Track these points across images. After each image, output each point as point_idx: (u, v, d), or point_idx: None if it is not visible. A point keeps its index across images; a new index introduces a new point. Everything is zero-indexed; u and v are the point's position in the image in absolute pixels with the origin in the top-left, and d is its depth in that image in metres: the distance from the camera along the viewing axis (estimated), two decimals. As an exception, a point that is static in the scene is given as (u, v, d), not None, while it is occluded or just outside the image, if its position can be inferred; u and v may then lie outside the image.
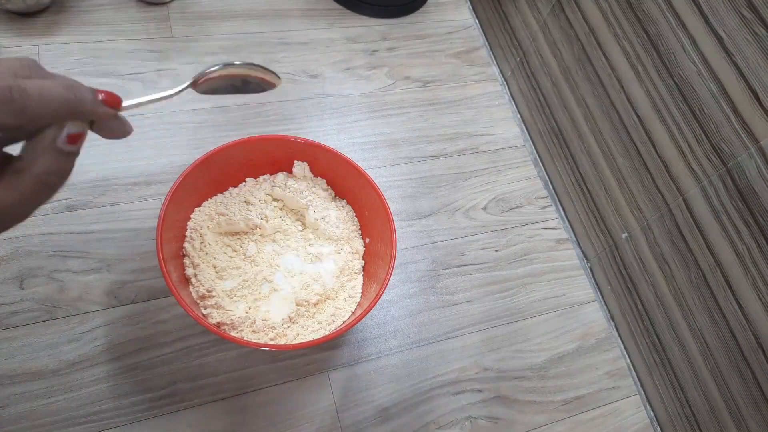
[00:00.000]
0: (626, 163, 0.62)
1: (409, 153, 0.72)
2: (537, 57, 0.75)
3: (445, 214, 0.68)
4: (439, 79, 0.79)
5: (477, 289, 0.64)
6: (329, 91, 0.74)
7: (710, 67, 0.50)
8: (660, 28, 0.54)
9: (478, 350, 0.61)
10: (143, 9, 0.72)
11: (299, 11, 0.79)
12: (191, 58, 0.70)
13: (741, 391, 0.52)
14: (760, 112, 0.46)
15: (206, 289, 0.50)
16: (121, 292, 0.55)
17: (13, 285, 0.53)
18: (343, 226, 0.57)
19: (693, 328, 0.57)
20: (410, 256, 0.64)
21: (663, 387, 0.62)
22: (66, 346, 0.51)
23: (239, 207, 0.55)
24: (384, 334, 0.59)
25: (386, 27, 0.81)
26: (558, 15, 0.69)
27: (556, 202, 0.75)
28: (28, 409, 0.48)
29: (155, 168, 0.62)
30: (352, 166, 0.55)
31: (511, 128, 0.78)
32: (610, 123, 0.63)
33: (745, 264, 0.50)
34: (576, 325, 0.65)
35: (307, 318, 0.52)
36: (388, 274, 0.49)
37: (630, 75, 0.59)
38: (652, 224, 0.60)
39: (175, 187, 0.49)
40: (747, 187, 0.48)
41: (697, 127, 0.52)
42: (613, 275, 0.67)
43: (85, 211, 0.58)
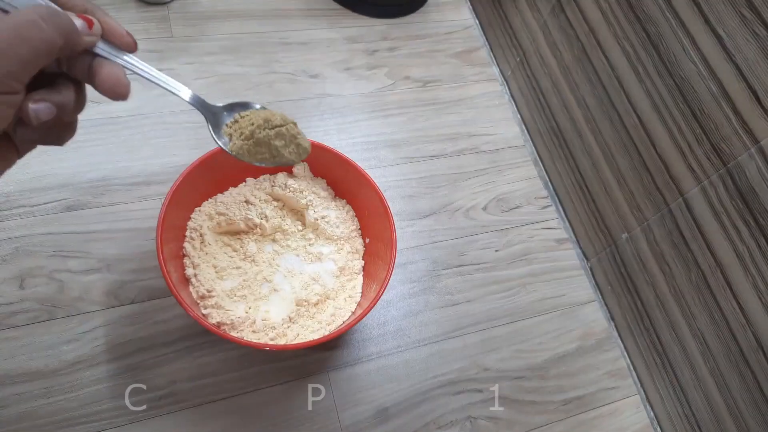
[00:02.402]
0: (626, 163, 0.62)
1: (409, 153, 0.72)
2: (537, 57, 0.75)
3: (445, 214, 0.68)
4: (439, 79, 0.79)
5: (477, 289, 0.64)
6: (329, 91, 0.74)
7: (710, 67, 0.50)
8: (660, 28, 0.54)
9: (478, 350, 0.61)
10: (143, 9, 0.72)
11: (299, 11, 0.79)
12: (191, 58, 0.70)
13: (741, 391, 0.52)
14: (760, 112, 0.46)
15: (206, 289, 0.50)
16: (121, 292, 0.55)
17: (13, 285, 0.53)
18: (343, 226, 0.57)
19: (693, 328, 0.57)
20: (410, 256, 0.64)
21: (663, 387, 0.62)
22: (66, 346, 0.51)
23: (239, 207, 0.55)
24: (384, 334, 0.59)
25: (386, 27, 0.81)
26: (558, 15, 0.69)
27: (556, 202, 0.75)
28: (28, 409, 0.48)
29: (155, 168, 0.62)
30: (352, 166, 0.55)
31: (511, 128, 0.78)
32: (610, 123, 0.63)
33: (745, 264, 0.50)
34: (576, 325, 0.65)
35: (307, 318, 0.52)
36: (388, 274, 0.49)
37: (630, 75, 0.59)
38: (652, 224, 0.60)
39: (175, 187, 0.49)
40: (747, 187, 0.48)
41: (697, 127, 0.52)
42: (613, 275, 0.67)
43: (85, 211, 0.58)
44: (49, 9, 0.25)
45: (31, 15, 0.24)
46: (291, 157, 0.39)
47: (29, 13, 0.24)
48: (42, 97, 0.26)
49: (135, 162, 0.62)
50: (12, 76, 0.24)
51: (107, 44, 0.29)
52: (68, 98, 0.28)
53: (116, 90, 0.28)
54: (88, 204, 0.58)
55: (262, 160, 0.38)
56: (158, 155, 0.63)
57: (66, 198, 0.58)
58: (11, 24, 0.23)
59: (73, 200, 0.58)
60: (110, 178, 0.60)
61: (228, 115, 0.37)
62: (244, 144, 0.36)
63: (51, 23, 0.24)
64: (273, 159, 0.38)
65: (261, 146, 0.37)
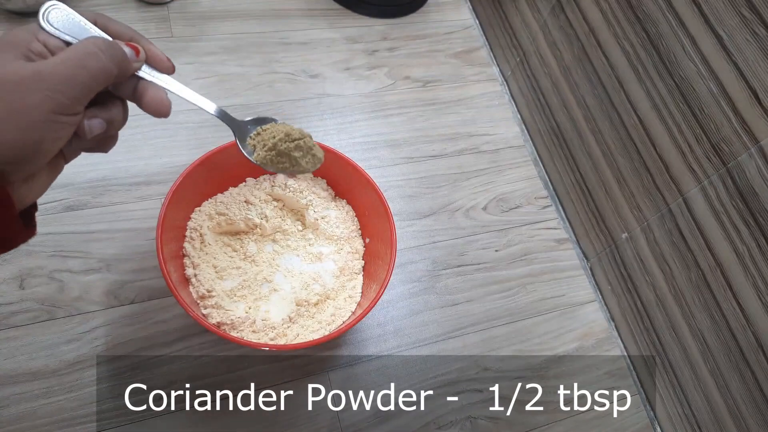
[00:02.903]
0: (626, 163, 0.62)
1: (409, 153, 0.72)
2: (537, 57, 0.75)
3: (445, 214, 0.68)
4: (439, 79, 0.79)
5: (477, 289, 0.64)
6: (329, 91, 0.74)
7: (710, 67, 0.50)
8: (660, 28, 0.54)
9: (478, 350, 0.61)
10: (143, 9, 0.72)
11: (299, 11, 0.79)
12: (191, 58, 0.70)
13: (741, 391, 0.52)
14: (760, 112, 0.46)
15: (206, 289, 0.50)
16: (121, 292, 0.55)
17: (13, 285, 0.53)
18: (343, 226, 0.57)
19: (693, 328, 0.57)
20: (410, 256, 0.64)
21: (663, 387, 0.62)
22: (66, 346, 0.51)
23: (239, 207, 0.55)
24: (384, 334, 0.59)
25: (386, 27, 0.81)
26: (558, 15, 0.69)
27: (556, 202, 0.75)
28: (28, 409, 0.48)
29: (155, 168, 0.62)
30: (352, 166, 0.55)
31: (511, 128, 0.78)
32: (610, 123, 0.63)
33: (745, 264, 0.50)
34: (576, 325, 0.65)
35: (307, 318, 0.52)
36: (388, 274, 0.49)
37: (630, 75, 0.59)
38: (652, 224, 0.60)
39: (175, 187, 0.49)
40: (747, 187, 0.48)
41: (697, 127, 0.52)
42: (613, 275, 0.67)
43: (85, 211, 0.58)
44: (105, 41, 0.29)
45: (91, 47, 0.28)
46: (308, 166, 0.43)
47: (89, 45, 0.28)
48: (95, 114, 0.30)
49: (135, 162, 0.62)
50: (76, 101, 0.27)
51: (149, 67, 0.33)
52: (116, 114, 0.31)
53: (160, 110, 0.32)
54: (88, 204, 0.58)
55: (283, 169, 0.42)
56: (158, 155, 0.63)
57: (66, 198, 0.58)
58: (74, 55, 0.27)
59: (73, 200, 0.58)
60: (110, 178, 0.60)
61: (251, 128, 0.41)
62: (267, 155, 0.41)
63: (107, 54, 0.28)
64: (292, 168, 0.42)
65: (282, 156, 0.41)
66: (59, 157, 0.30)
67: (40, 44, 0.28)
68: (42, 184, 0.30)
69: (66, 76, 0.26)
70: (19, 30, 0.28)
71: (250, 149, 0.41)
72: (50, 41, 0.28)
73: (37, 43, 0.28)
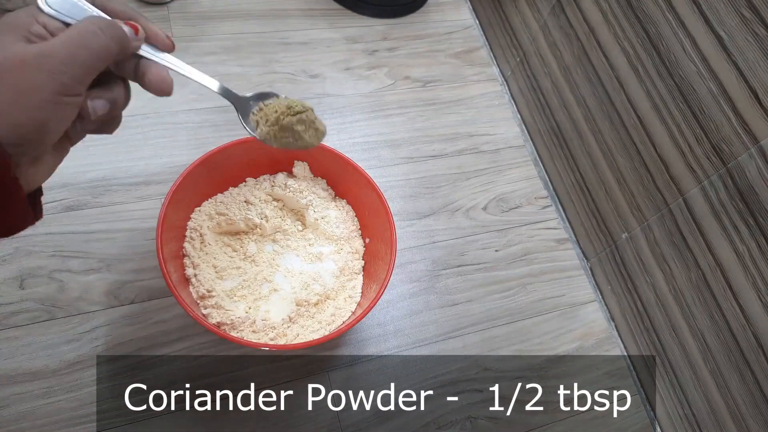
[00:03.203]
0: (626, 163, 0.62)
1: (409, 153, 0.72)
2: (537, 57, 0.75)
3: (445, 214, 0.68)
4: (439, 79, 0.79)
5: (477, 289, 0.64)
6: (329, 91, 0.74)
7: (710, 67, 0.50)
8: (660, 28, 0.54)
9: (478, 350, 0.61)
10: (143, 9, 0.72)
11: (299, 11, 0.79)
12: (191, 58, 0.70)
13: (741, 391, 0.52)
14: (760, 112, 0.46)
15: (206, 289, 0.50)
16: (121, 292, 0.55)
17: (13, 285, 0.53)
18: (343, 226, 0.57)
19: (693, 328, 0.57)
20: (410, 256, 0.64)
21: (663, 387, 0.62)
22: (66, 346, 0.51)
23: (239, 207, 0.55)
24: (384, 334, 0.59)
25: (386, 27, 0.81)
26: (558, 15, 0.69)
27: (556, 202, 0.75)
28: (28, 409, 0.48)
29: (155, 168, 0.62)
30: (352, 166, 0.55)
31: (511, 128, 0.78)
32: (610, 123, 0.63)
33: (745, 264, 0.50)
34: (576, 325, 0.65)
35: (307, 318, 0.52)
36: (388, 274, 0.49)
37: (630, 75, 0.59)
38: (652, 224, 0.60)
39: (175, 187, 0.49)
40: (747, 187, 0.48)
41: (697, 127, 0.52)
42: (613, 275, 0.67)
43: (85, 211, 0.58)
44: (105, 20, 0.29)
45: (91, 27, 0.28)
46: (311, 140, 0.42)
47: (88, 24, 0.28)
48: (98, 95, 0.30)
49: (135, 162, 0.62)
50: (78, 81, 0.27)
51: (149, 46, 0.33)
52: (119, 95, 0.31)
53: (162, 87, 0.32)
54: (88, 204, 0.58)
55: (286, 144, 0.41)
56: (158, 155, 0.63)
57: (66, 198, 0.58)
58: (75, 35, 0.27)
59: (73, 200, 0.58)
60: (110, 178, 0.60)
61: (254, 104, 0.41)
62: (270, 129, 0.40)
63: (107, 33, 0.28)
64: (295, 143, 0.41)
65: (285, 131, 0.40)
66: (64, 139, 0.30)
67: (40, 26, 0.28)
68: (48, 167, 0.30)
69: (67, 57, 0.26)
70: (19, 12, 0.28)
71: (253, 125, 0.40)
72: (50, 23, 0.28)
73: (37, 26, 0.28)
